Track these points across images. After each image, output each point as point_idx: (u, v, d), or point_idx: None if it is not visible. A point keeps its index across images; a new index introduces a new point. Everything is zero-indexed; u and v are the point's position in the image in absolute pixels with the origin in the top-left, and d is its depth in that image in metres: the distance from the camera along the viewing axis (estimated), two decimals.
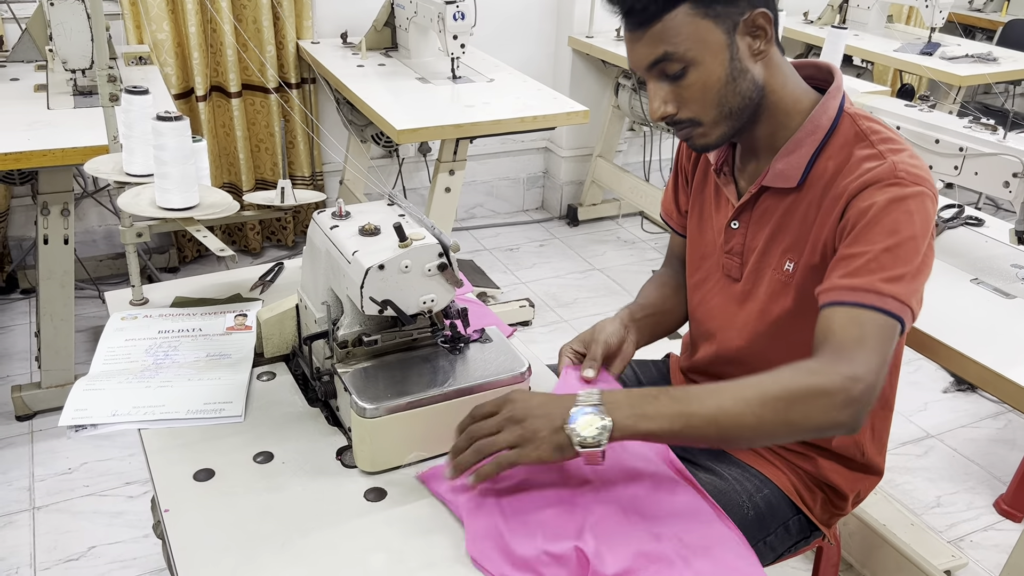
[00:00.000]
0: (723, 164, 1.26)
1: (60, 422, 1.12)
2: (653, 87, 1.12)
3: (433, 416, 1.06)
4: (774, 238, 1.20)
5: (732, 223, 1.24)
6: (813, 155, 1.15)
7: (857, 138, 1.14)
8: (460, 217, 3.83)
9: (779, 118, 1.16)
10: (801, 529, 1.30)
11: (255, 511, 1.00)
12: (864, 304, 1.03)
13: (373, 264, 1.03)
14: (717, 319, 1.31)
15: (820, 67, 1.21)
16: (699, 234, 1.33)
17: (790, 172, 1.16)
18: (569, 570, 0.91)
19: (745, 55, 1.10)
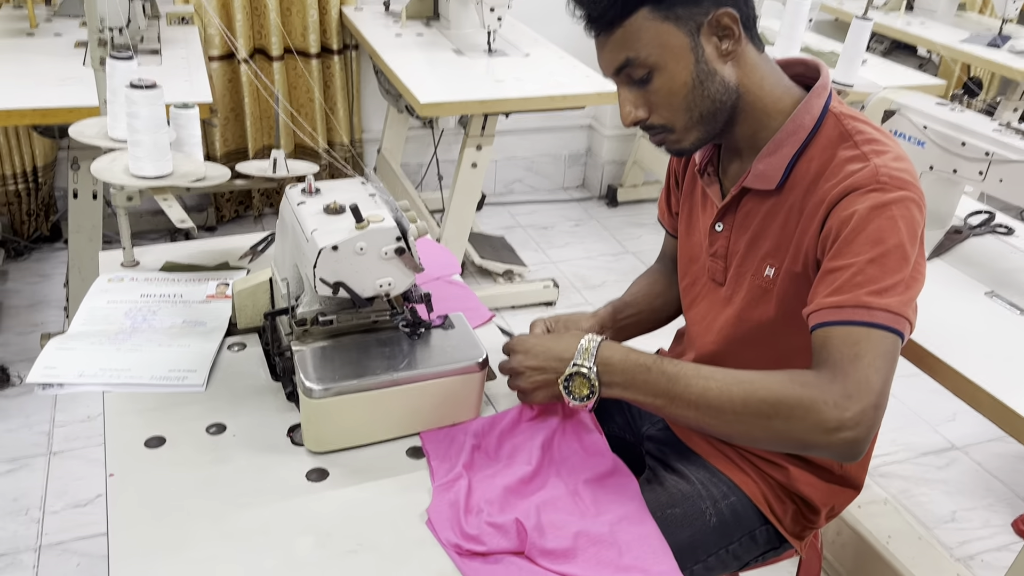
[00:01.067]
0: (707, 164, 1.22)
1: (27, 379, 1.15)
2: (622, 93, 1.10)
3: (381, 401, 1.05)
4: (755, 242, 1.16)
5: (716, 225, 1.20)
6: (794, 156, 1.10)
7: (841, 138, 1.08)
8: (498, 191, 3.81)
9: (759, 118, 1.11)
10: (769, 540, 1.26)
11: (197, 483, 1.01)
12: (854, 321, 0.99)
13: (327, 244, 1.02)
14: (702, 323, 1.27)
15: (808, 64, 1.16)
16: (687, 236, 1.29)
17: (770, 173, 1.12)
18: (508, 539, 0.94)
19: (712, 57, 1.06)
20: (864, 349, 0.97)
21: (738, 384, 0.99)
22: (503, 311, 2.93)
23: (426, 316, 1.15)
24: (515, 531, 0.94)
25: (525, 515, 0.96)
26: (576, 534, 0.96)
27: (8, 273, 2.96)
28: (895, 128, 1.69)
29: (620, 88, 1.10)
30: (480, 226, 3.47)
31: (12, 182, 3.02)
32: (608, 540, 0.97)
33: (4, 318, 2.71)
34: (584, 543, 0.96)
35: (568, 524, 0.97)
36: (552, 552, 0.93)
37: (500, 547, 0.93)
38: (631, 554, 0.96)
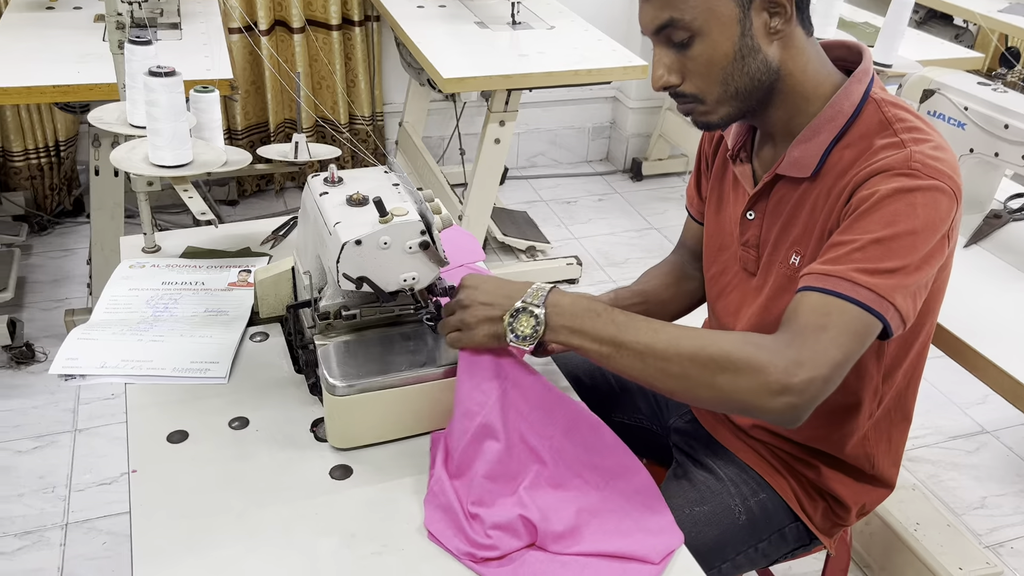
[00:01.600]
0: (740, 149, 1.18)
1: (50, 370, 1.14)
2: (658, 53, 1.04)
3: (405, 397, 1.04)
4: (784, 230, 1.12)
5: (748, 213, 1.16)
6: (831, 143, 1.06)
7: (880, 126, 1.04)
8: (521, 165, 3.77)
9: (797, 103, 1.07)
10: (799, 537, 1.24)
11: (220, 479, 1.00)
12: (833, 291, 0.95)
13: (350, 239, 1.00)
14: (734, 315, 1.23)
15: (850, 47, 1.11)
16: (716, 224, 1.25)
17: (805, 161, 1.07)
18: (520, 537, 0.93)
19: (759, 33, 1.01)
20: (833, 321, 0.93)
21: (688, 338, 0.96)
22: None
23: None
24: (523, 527, 0.93)
25: (523, 506, 0.95)
26: (577, 512, 0.96)
27: (32, 248, 2.97)
28: (934, 109, 1.63)
29: (657, 48, 1.05)
30: (502, 200, 3.44)
31: (35, 156, 3.01)
32: (606, 508, 0.98)
33: (28, 293, 2.72)
34: (586, 518, 0.96)
35: (564, 503, 0.97)
36: (561, 535, 0.94)
37: (513, 547, 0.92)
38: (630, 518, 0.97)
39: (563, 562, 0.92)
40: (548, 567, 0.91)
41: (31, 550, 1.86)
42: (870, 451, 1.21)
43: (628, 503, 0.99)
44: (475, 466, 0.97)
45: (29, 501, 1.98)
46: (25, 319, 2.57)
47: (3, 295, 2.46)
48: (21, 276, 2.75)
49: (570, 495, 0.98)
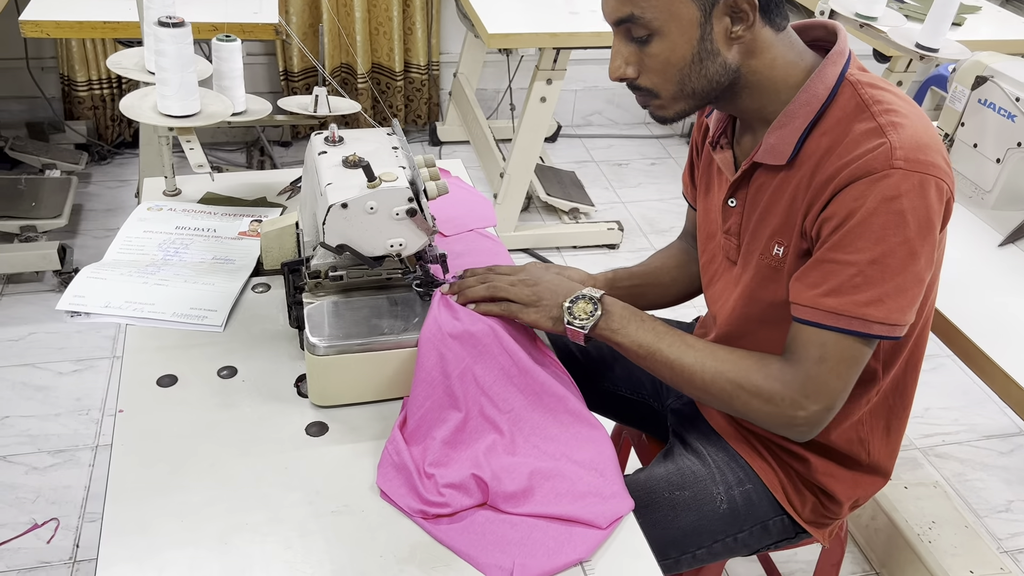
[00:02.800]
0: (720, 136, 1.15)
1: (57, 306, 1.19)
2: (617, 45, 1.03)
3: (384, 361, 1.05)
4: (763, 219, 1.09)
5: (729, 201, 1.14)
6: (806, 129, 1.02)
7: (857, 109, 1.00)
8: (576, 123, 3.72)
9: (765, 93, 1.04)
10: (784, 530, 1.22)
11: (201, 426, 1.03)
12: (835, 327, 0.98)
13: (337, 201, 1.00)
14: (718, 303, 1.22)
15: (827, 28, 1.07)
16: (704, 212, 1.22)
17: (781, 147, 1.04)
18: (472, 496, 0.95)
19: (719, 37, 0.99)
20: (830, 353, 0.98)
21: (712, 360, 1.05)
22: (564, 251, 2.89)
23: (441, 276, 1.13)
24: (475, 485, 0.96)
25: (477, 466, 0.97)
26: (530, 474, 0.98)
27: (91, 176, 3.07)
28: (984, 97, 1.55)
29: (616, 39, 1.04)
30: (552, 158, 3.41)
31: (98, 87, 3.10)
32: (559, 473, 0.99)
33: (83, 220, 2.83)
34: (539, 480, 0.98)
35: (519, 465, 0.99)
36: (513, 495, 0.95)
37: (465, 505, 0.95)
38: (583, 482, 0.99)
39: (513, 522, 0.94)
40: (498, 527, 0.93)
41: (62, 468, 1.96)
42: (865, 437, 1.18)
43: (582, 469, 1.00)
44: (433, 432, 0.99)
45: (64, 421, 2.08)
46: (77, 246, 2.68)
47: (57, 221, 2.56)
48: (77, 203, 2.85)
49: (525, 460, 1.00)
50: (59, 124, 3.10)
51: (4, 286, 2.50)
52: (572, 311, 1.07)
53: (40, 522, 1.83)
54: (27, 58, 2.98)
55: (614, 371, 1.41)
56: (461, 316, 1.05)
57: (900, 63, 2.49)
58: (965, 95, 1.59)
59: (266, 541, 0.90)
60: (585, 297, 1.08)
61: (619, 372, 1.41)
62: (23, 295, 2.48)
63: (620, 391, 1.41)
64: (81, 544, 1.79)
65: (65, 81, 3.08)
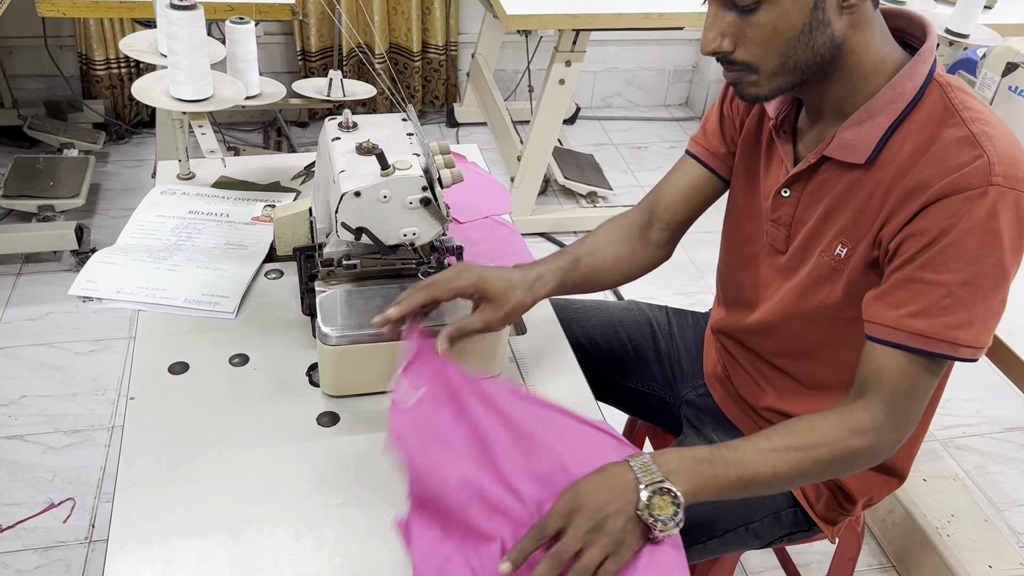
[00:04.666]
0: (784, 119, 1.08)
1: (70, 291, 1.18)
2: (713, 14, 0.95)
3: (396, 352, 1.03)
4: (829, 216, 1.04)
5: (783, 190, 1.08)
6: (890, 128, 0.97)
7: (945, 114, 0.94)
8: (595, 105, 3.68)
9: (854, 81, 0.98)
10: (797, 522, 1.20)
11: (212, 415, 1.02)
12: (926, 352, 0.93)
13: (350, 190, 0.99)
14: (757, 289, 1.18)
15: (912, 19, 1.00)
16: (744, 192, 1.17)
17: (859, 145, 0.98)
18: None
19: (832, 6, 0.91)
20: (922, 381, 0.95)
21: (803, 452, 0.95)
22: (581, 234, 2.86)
23: None
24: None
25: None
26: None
27: (109, 156, 3.07)
28: (1015, 84, 1.50)
29: (712, 8, 0.96)
30: (570, 140, 3.37)
31: (115, 66, 3.09)
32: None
33: (100, 200, 2.83)
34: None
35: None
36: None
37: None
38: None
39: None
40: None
41: (78, 448, 1.97)
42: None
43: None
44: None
45: (81, 401, 2.09)
46: (94, 225, 2.68)
47: (74, 201, 2.56)
48: (95, 183, 2.85)
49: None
50: (77, 103, 3.10)
51: (22, 266, 2.51)
52: (657, 518, 0.88)
53: (56, 502, 1.84)
54: (45, 36, 2.97)
55: (625, 364, 1.38)
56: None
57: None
58: (995, 81, 1.55)
59: (275, 533, 0.89)
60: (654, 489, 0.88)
61: (630, 365, 1.39)
62: (41, 275, 2.49)
63: (631, 384, 1.39)
64: (97, 524, 1.80)
65: (83, 60, 3.08)
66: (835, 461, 0.96)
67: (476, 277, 1.01)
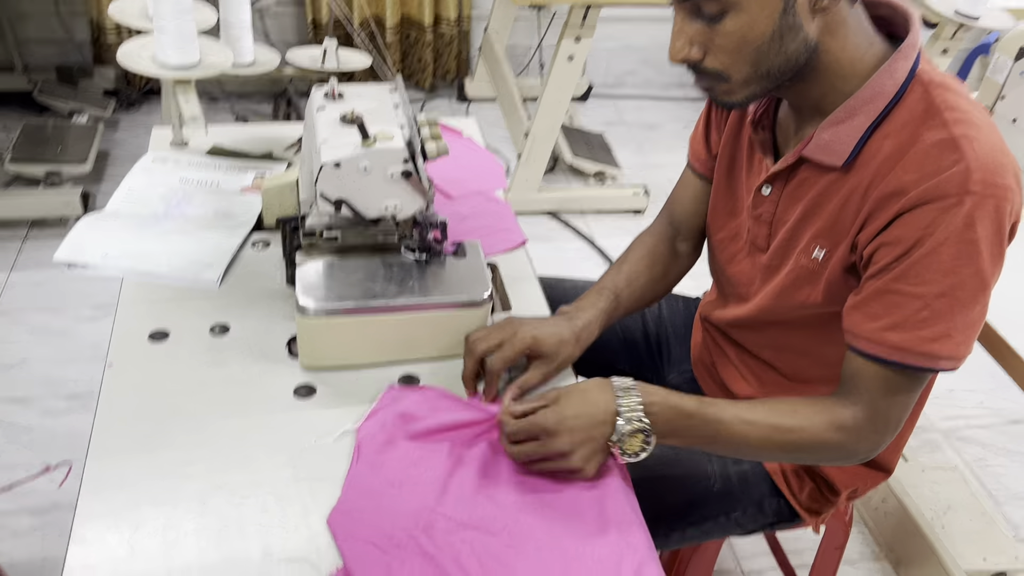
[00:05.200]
0: (762, 116, 1.06)
1: (55, 256, 1.18)
2: (680, 22, 0.91)
3: (374, 326, 1.03)
4: (807, 217, 1.01)
5: (764, 188, 1.06)
6: (868, 129, 0.93)
7: (927, 114, 0.90)
8: (608, 83, 3.64)
9: (831, 80, 0.94)
10: (780, 512, 1.19)
11: (189, 384, 1.02)
12: (905, 364, 0.92)
13: (330, 160, 0.98)
14: (743, 285, 1.16)
15: (896, 8, 0.95)
16: (727, 188, 1.14)
17: (837, 147, 0.95)
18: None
19: (803, 9, 0.87)
20: (901, 390, 0.95)
21: (778, 432, 0.97)
22: (588, 215, 2.84)
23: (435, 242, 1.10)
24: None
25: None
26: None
27: (118, 123, 3.07)
28: None
29: (679, 16, 0.92)
30: (580, 119, 3.34)
31: (126, 32, 3.08)
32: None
33: (108, 167, 2.84)
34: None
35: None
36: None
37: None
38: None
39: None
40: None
41: (76, 412, 1.98)
42: None
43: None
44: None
45: (81, 367, 2.10)
46: (101, 192, 2.69)
47: (82, 167, 2.57)
48: (103, 150, 2.86)
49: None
50: (88, 69, 3.10)
51: (28, 230, 2.52)
52: (624, 449, 0.94)
53: (53, 465, 1.85)
54: (56, 1, 2.97)
55: (612, 345, 1.37)
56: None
57: (947, 30, 2.37)
58: (1007, 66, 1.51)
59: (244, 503, 0.89)
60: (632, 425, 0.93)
61: (617, 347, 1.37)
62: (47, 240, 2.50)
63: (619, 365, 1.37)
64: None
65: (94, 25, 3.07)
66: (807, 448, 0.98)
67: (530, 339, 1.04)
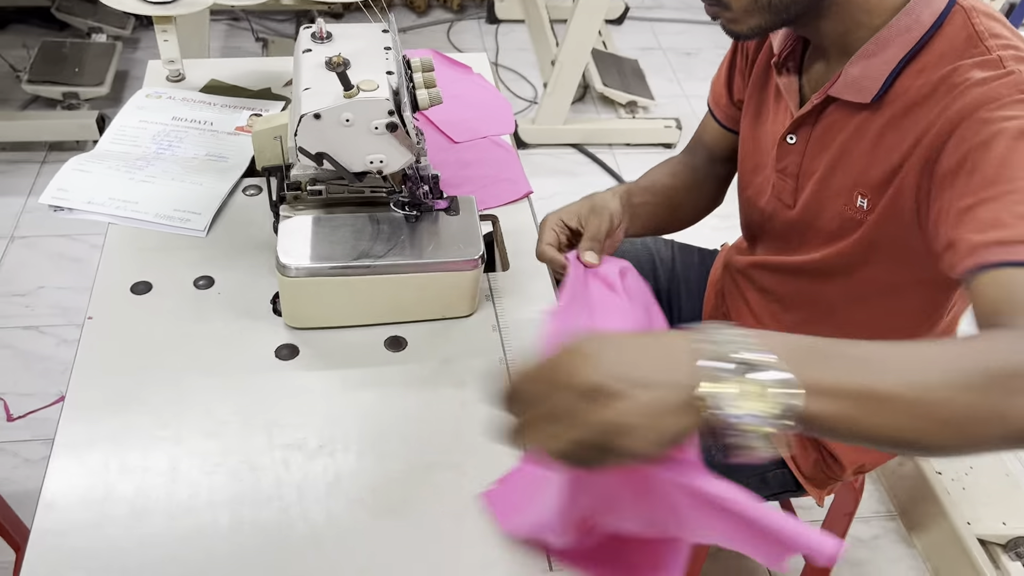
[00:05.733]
0: (787, 58, 0.98)
1: (40, 199, 1.15)
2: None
3: (358, 288, 0.98)
4: (838, 163, 0.94)
5: (789, 136, 0.98)
6: (901, 61, 0.85)
7: (968, 43, 0.82)
8: (645, 4, 3.47)
9: (854, 14, 0.86)
10: (785, 483, 1.15)
11: (170, 339, 0.99)
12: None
13: (309, 111, 0.91)
14: (770, 243, 1.10)
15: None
16: (753, 141, 1.07)
17: (866, 82, 0.87)
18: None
19: None
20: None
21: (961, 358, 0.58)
22: (615, 148, 2.74)
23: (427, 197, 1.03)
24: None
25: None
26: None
27: (139, 42, 3.00)
28: None
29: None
30: (615, 43, 3.19)
31: None
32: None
33: (127, 88, 2.78)
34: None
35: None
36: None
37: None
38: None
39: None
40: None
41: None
42: None
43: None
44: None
45: None
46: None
47: (98, 89, 2.52)
48: (121, 70, 2.80)
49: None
50: None
51: (47, 153, 2.50)
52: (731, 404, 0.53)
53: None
54: None
55: None
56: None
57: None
58: None
59: (216, 472, 0.86)
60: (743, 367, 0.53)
61: None
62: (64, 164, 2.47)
63: None
64: None
65: None
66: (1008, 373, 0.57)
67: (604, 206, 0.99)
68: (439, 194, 1.04)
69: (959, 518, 1.65)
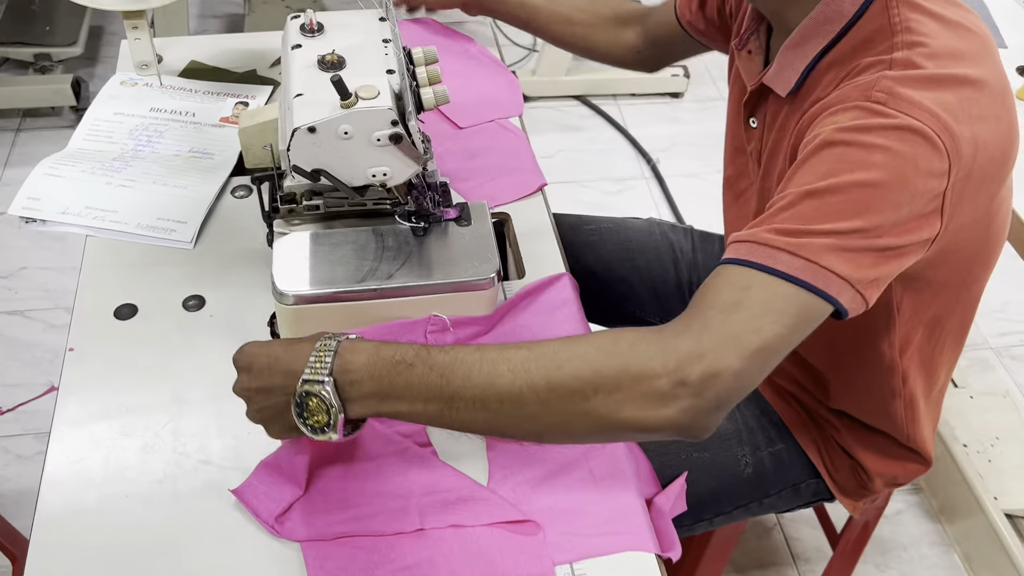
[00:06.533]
0: (750, 37, 0.91)
1: (9, 210, 1.05)
2: None
3: (364, 313, 0.89)
4: (773, 155, 0.89)
5: (751, 120, 0.93)
6: (819, 54, 0.80)
7: (880, 35, 0.76)
8: None
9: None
10: (818, 492, 1.08)
11: (157, 370, 0.91)
12: (751, 262, 0.69)
13: (303, 124, 0.81)
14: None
15: None
16: (736, 120, 0.99)
17: (787, 73, 0.83)
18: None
19: None
20: (751, 298, 0.68)
21: (541, 361, 0.69)
22: (620, 99, 2.61)
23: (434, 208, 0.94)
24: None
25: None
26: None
27: None
28: None
29: None
30: None
31: None
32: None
33: (103, 46, 2.64)
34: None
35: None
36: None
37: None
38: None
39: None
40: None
41: None
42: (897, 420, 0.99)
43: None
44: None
45: None
46: (97, 75, 2.51)
47: (71, 50, 2.38)
48: (96, 26, 2.65)
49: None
50: None
51: (21, 120, 2.37)
52: (305, 418, 0.71)
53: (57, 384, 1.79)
54: None
55: (641, 296, 1.24)
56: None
57: None
58: None
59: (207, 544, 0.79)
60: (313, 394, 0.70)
61: (647, 297, 1.24)
62: (40, 131, 2.35)
63: (648, 317, 1.24)
64: None
65: None
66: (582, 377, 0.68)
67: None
68: (448, 202, 0.94)
69: (985, 493, 1.60)
